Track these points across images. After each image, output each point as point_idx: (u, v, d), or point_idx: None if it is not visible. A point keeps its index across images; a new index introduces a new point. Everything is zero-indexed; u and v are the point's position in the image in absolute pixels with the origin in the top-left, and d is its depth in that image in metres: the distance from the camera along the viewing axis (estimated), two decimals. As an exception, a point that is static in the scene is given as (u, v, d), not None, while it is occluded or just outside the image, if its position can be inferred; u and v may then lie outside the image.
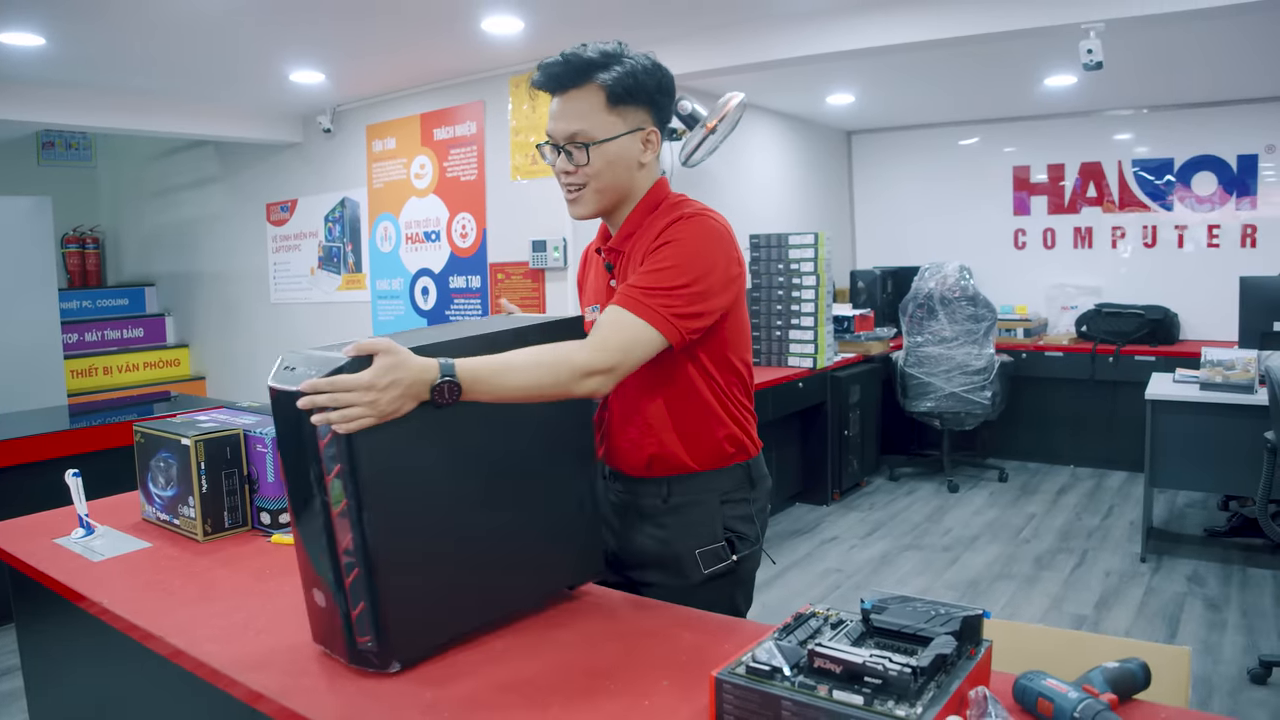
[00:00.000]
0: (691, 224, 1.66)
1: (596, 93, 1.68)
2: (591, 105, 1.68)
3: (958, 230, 7.49)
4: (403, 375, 1.34)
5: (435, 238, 5.65)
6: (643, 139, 1.74)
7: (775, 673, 1.12)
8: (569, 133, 1.69)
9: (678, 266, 1.61)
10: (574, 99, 1.69)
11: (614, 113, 1.69)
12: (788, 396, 5.38)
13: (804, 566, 4.79)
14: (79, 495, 2.11)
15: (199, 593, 1.74)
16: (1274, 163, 6.33)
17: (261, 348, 6.96)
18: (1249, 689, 3.32)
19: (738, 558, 1.78)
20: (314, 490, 1.36)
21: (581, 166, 1.70)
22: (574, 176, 1.72)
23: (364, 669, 1.39)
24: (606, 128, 1.69)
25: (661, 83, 1.74)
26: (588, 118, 1.68)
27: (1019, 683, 1.20)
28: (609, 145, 1.69)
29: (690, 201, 1.76)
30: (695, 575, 1.75)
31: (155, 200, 7.64)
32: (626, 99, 1.69)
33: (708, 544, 1.75)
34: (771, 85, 5.89)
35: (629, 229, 1.78)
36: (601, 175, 1.71)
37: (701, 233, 1.66)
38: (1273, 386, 3.36)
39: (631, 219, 1.78)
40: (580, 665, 1.41)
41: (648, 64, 1.72)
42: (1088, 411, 6.56)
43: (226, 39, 4.35)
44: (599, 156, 1.69)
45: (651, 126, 1.75)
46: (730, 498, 1.79)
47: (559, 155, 1.72)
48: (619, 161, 1.72)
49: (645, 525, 1.80)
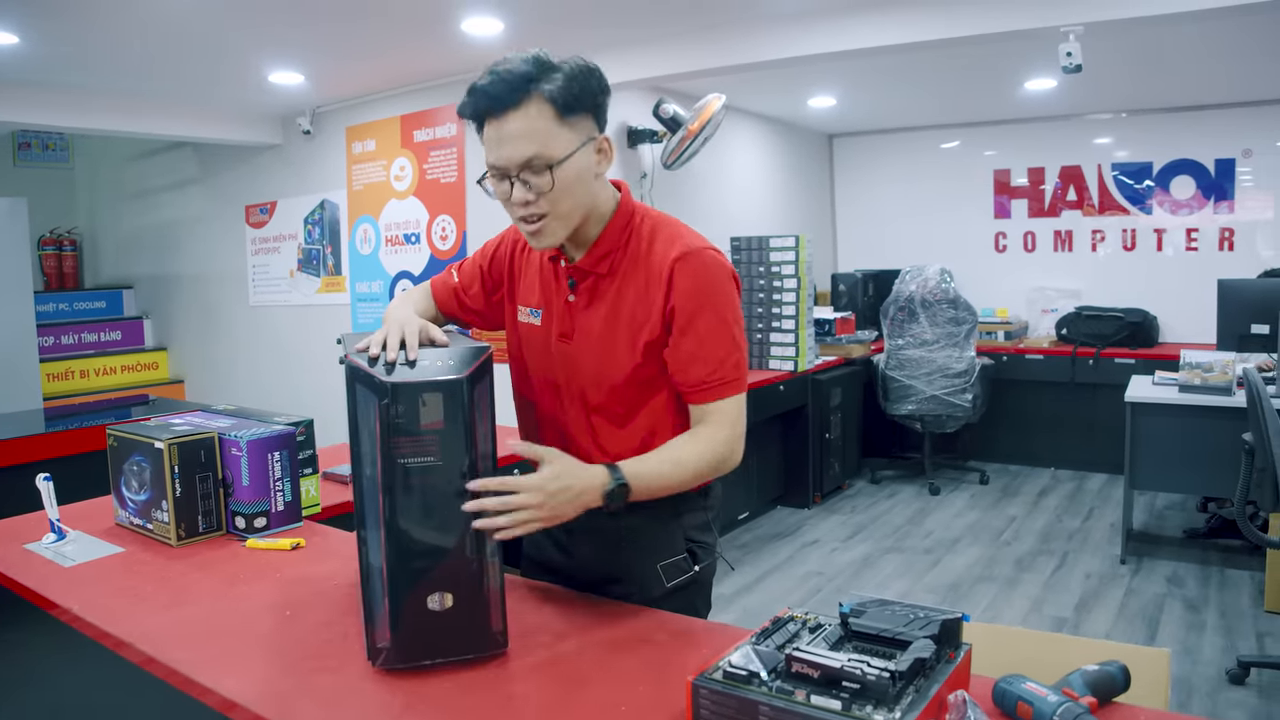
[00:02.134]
0: (708, 279, 1.59)
1: (543, 106, 1.49)
2: (541, 122, 1.50)
3: (939, 233, 7.52)
4: (574, 483, 1.39)
5: (415, 240, 5.62)
6: (596, 149, 1.58)
7: (753, 678, 1.11)
8: (523, 158, 1.50)
9: (725, 331, 1.59)
10: (519, 118, 1.49)
11: (565, 125, 1.51)
12: (769, 399, 5.38)
13: (785, 570, 4.78)
14: (50, 500, 2.08)
15: (172, 598, 1.71)
16: (1251, 167, 6.39)
17: (241, 351, 6.90)
18: (1227, 689, 3.33)
19: (699, 568, 1.75)
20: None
21: (544, 193, 1.51)
22: (534, 205, 1.53)
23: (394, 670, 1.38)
24: (563, 144, 1.51)
25: (602, 83, 1.58)
26: (541, 137, 1.49)
27: (998, 686, 1.20)
28: (568, 163, 1.52)
29: (668, 221, 1.67)
30: (658, 589, 1.69)
31: (133, 202, 7.56)
32: (575, 107, 1.52)
33: (669, 557, 1.69)
34: (753, 88, 5.89)
35: (602, 249, 1.64)
36: (565, 198, 1.53)
37: (720, 281, 1.60)
38: (1251, 389, 3.38)
39: (605, 239, 1.64)
40: (555, 670, 1.40)
41: (585, 66, 1.55)
42: (1068, 414, 6.59)
43: (205, 39, 4.31)
44: (561, 178, 1.51)
45: (601, 133, 1.59)
46: (688, 507, 1.74)
47: (512, 185, 1.53)
48: (580, 179, 1.55)
49: (602, 540, 1.72)
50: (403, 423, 1.33)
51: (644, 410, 1.66)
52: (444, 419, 1.35)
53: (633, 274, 1.62)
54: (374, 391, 1.34)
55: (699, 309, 1.57)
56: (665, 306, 1.58)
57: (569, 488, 1.36)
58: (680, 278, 1.57)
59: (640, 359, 1.62)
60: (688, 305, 1.57)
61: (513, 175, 1.52)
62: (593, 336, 1.65)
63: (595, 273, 1.65)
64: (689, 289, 1.57)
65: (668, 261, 1.58)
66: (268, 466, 2.05)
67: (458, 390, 1.35)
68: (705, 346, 1.58)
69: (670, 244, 1.61)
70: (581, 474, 1.39)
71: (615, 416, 1.68)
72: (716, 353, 1.58)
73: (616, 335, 1.63)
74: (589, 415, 1.69)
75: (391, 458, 1.33)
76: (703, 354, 1.58)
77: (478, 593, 1.38)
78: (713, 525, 1.80)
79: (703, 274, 1.58)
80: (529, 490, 1.33)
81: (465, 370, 1.35)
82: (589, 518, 1.73)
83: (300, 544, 1.98)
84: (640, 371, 1.63)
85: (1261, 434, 3.30)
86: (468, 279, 1.85)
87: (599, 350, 1.64)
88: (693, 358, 1.58)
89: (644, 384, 1.65)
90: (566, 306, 1.68)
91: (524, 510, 1.34)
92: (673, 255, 1.58)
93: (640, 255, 1.62)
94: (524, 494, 1.33)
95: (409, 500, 1.34)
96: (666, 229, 1.65)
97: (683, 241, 1.61)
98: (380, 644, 1.38)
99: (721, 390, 1.59)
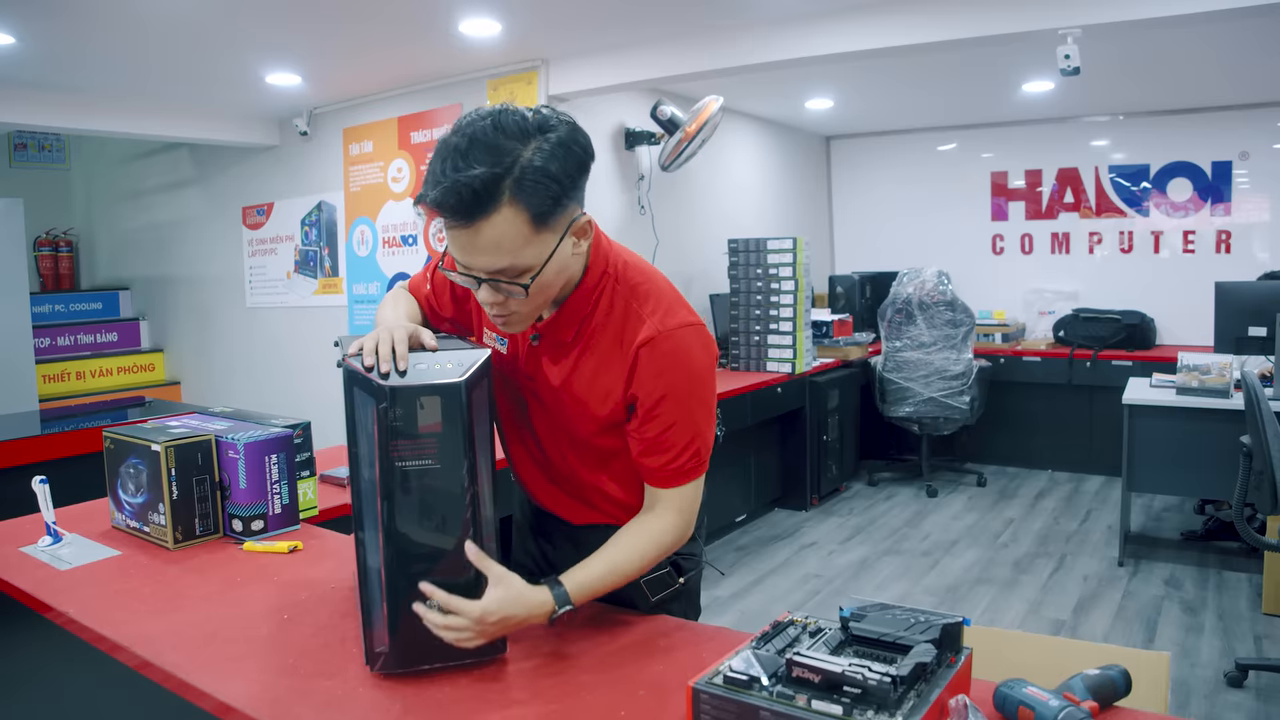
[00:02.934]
0: (674, 365, 1.49)
1: (515, 216, 1.31)
2: (514, 232, 1.32)
3: (936, 235, 7.52)
4: (514, 613, 1.37)
5: (412, 242, 5.61)
6: (575, 233, 1.41)
7: (753, 682, 1.11)
8: (494, 269, 1.35)
9: (689, 418, 1.51)
10: (487, 229, 1.31)
11: (542, 231, 1.34)
12: (766, 402, 5.37)
13: (783, 572, 4.78)
14: (46, 503, 2.07)
15: (168, 602, 1.70)
16: (1247, 169, 6.39)
17: (237, 352, 6.89)
18: (1226, 692, 3.33)
19: (684, 580, 1.72)
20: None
21: (515, 299, 1.40)
22: (505, 306, 1.42)
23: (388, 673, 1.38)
24: (539, 252, 1.36)
25: (582, 160, 1.37)
26: (514, 250, 1.33)
27: (1000, 691, 1.19)
28: (545, 269, 1.38)
29: (640, 287, 1.53)
30: (643, 604, 1.67)
31: (130, 203, 7.55)
32: (554, 210, 1.34)
33: (652, 572, 1.64)
34: (751, 90, 5.89)
35: (569, 314, 1.52)
36: (539, 296, 1.41)
37: (687, 365, 1.50)
38: (1249, 392, 3.38)
39: (572, 304, 1.51)
40: (554, 675, 1.39)
41: (561, 143, 1.33)
42: (1065, 416, 6.60)
43: (202, 40, 4.30)
44: (537, 284, 1.38)
45: (581, 211, 1.42)
46: None
47: (479, 284, 1.40)
48: (558, 274, 1.42)
49: (584, 555, 1.64)
50: (401, 426, 1.32)
51: (615, 457, 1.62)
52: (442, 422, 1.34)
53: (597, 344, 1.53)
54: (372, 395, 1.33)
55: (663, 398, 1.49)
56: (627, 391, 1.51)
57: (508, 618, 1.36)
58: (645, 363, 1.48)
59: (598, 429, 1.58)
60: (652, 392, 1.49)
61: (480, 278, 1.39)
62: (554, 388, 1.57)
63: (559, 338, 1.55)
64: (653, 374, 1.48)
65: (634, 344, 1.48)
66: (265, 469, 2.04)
67: (456, 394, 1.34)
68: (667, 435, 1.50)
69: (640, 321, 1.49)
70: (524, 603, 1.37)
71: (582, 449, 1.64)
72: (678, 442, 1.51)
73: (576, 398, 1.55)
74: (557, 443, 1.66)
75: (390, 461, 1.32)
76: (664, 442, 1.51)
77: (476, 597, 1.38)
78: (698, 535, 1.76)
79: (670, 360, 1.48)
80: (466, 616, 1.33)
81: (463, 374, 1.35)
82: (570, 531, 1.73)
83: (298, 547, 1.97)
84: (600, 438, 1.59)
85: (1260, 437, 3.30)
86: (439, 288, 1.75)
87: (563, 404, 1.58)
88: (653, 445, 1.52)
89: (607, 446, 1.61)
90: (531, 349, 1.58)
91: (461, 632, 1.34)
92: (640, 338, 1.48)
93: (608, 326, 1.52)
94: (462, 619, 1.34)
95: (407, 503, 1.34)
96: (639, 300, 1.51)
97: (655, 319, 1.49)
98: (378, 648, 1.37)
99: (677, 479, 1.53)
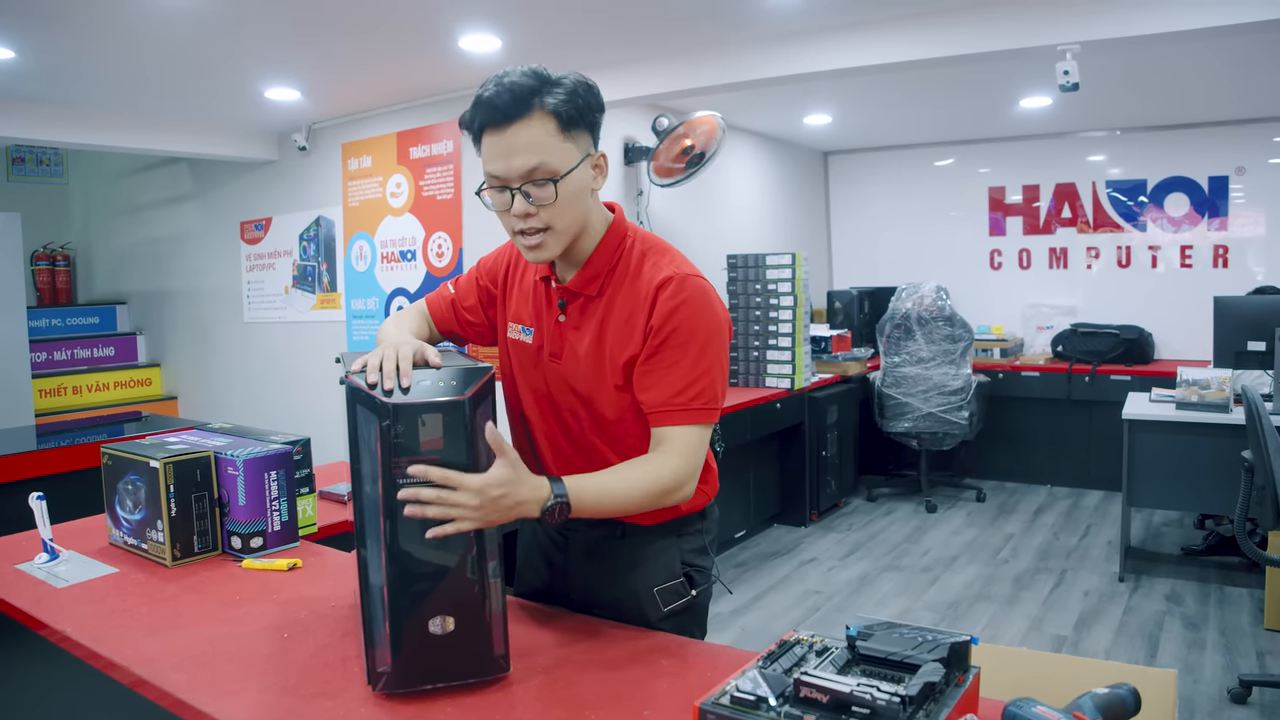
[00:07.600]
0: (689, 304, 1.56)
1: (547, 120, 1.50)
2: (546, 134, 1.50)
3: (934, 250, 7.53)
4: (515, 491, 1.34)
5: (411, 257, 5.61)
6: (593, 165, 1.58)
7: (760, 702, 1.09)
8: (527, 169, 1.50)
9: (697, 358, 1.55)
10: (523, 130, 1.49)
11: (568, 139, 1.52)
12: (765, 417, 5.36)
13: (783, 589, 4.76)
14: (43, 519, 2.05)
15: (167, 620, 1.69)
16: (1244, 184, 6.42)
17: (234, 367, 6.87)
18: (1230, 709, 3.32)
19: (696, 592, 1.72)
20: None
21: (545, 205, 1.51)
22: (535, 219, 1.53)
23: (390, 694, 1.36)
24: (565, 158, 1.51)
25: (599, 100, 1.58)
26: (545, 148, 1.50)
27: (1008, 710, 1.18)
28: (570, 177, 1.52)
29: (659, 245, 1.66)
30: (654, 614, 1.67)
31: (127, 217, 7.54)
32: (577, 122, 1.53)
33: (665, 581, 1.67)
34: (749, 105, 5.91)
35: (592, 271, 1.63)
36: (565, 212, 1.54)
37: (703, 309, 1.57)
38: (1250, 406, 3.38)
39: (595, 260, 1.63)
40: (558, 694, 1.37)
41: (584, 82, 1.55)
42: (1064, 431, 6.59)
43: (201, 55, 4.30)
44: (563, 191, 1.52)
45: (597, 150, 1.60)
46: (686, 530, 1.72)
47: (512, 197, 1.52)
48: (579, 195, 1.56)
49: (598, 563, 1.72)
50: (404, 443, 1.31)
51: (638, 428, 1.63)
52: (445, 439, 1.33)
53: (620, 296, 1.61)
54: (375, 412, 1.32)
55: (673, 332, 1.55)
56: (645, 328, 1.57)
57: (508, 495, 1.32)
58: (662, 301, 1.56)
59: (620, 380, 1.60)
60: (663, 327, 1.55)
61: (514, 187, 1.51)
62: (580, 357, 1.64)
63: (584, 294, 1.64)
64: (667, 312, 1.55)
65: (653, 285, 1.57)
66: (264, 486, 2.03)
67: (459, 411, 1.33)
68: (673, 370, 1.54)
69: (657, 268, 1.60)
70: (525, 484, 1.34)
71: (610, 435, 1.66)
72: (683, 378, 1.54)
73: (601, 356, 1.61)
74: (584, 430, 1.68)
75: (392, 478, 1.31)
76: (668, 377, 1.54)
77: (479, 615, 1.36)
78: (710, 549, 1.78)
79: (684, 299, 1.55)
80: (468, 490, 1.29)
81: (467, 391, 1.34)
82: (586, 538, 1.72)
83: (297, 564, 1.96)
84: (623, 394, 1.61)
85: (1261, 451, 3.29)
86: (464, 292, 1.85)
87: (586, 370, 1.63)
88: (657, 379, 1.55)
89: (629, 405, 1.62)
90: (557, 326, 1.67)
91: (458, 509, 1.29)
92: (658, 279, 1.57)
93: (628, 277, 1.61)
94: (463, 493, 1.29)
95: (411, 521, 1.32)
96: (656, 253, 1.63)
97: (671, 266, 1.59)
98: (380, 668, 1.35)
99: (679, 416, 1.54)
